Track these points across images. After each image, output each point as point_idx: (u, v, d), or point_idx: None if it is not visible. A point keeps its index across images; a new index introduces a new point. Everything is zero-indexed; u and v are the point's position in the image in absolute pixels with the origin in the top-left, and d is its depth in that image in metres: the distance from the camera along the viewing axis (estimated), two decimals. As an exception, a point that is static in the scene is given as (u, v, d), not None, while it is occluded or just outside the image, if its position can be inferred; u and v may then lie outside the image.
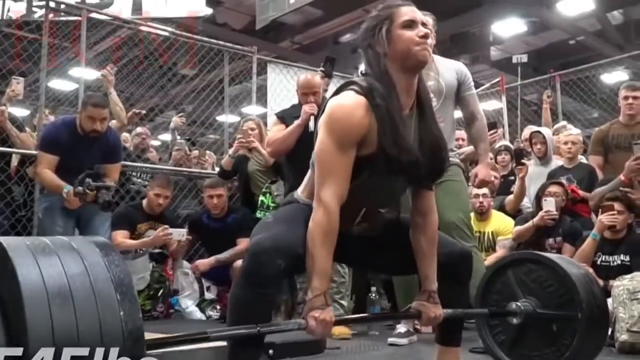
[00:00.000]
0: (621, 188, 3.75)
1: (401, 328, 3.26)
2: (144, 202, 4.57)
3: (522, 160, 4.48)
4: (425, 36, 1.83)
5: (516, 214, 4.56)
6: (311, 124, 3.66)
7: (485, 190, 4.52)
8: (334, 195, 1.75)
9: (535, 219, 4.06)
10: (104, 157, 3.91)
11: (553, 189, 4.19)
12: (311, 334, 1.71)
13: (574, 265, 2.34)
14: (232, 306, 1.75)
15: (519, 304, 2.21)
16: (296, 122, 3.72)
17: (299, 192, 2.00)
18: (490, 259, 4.36)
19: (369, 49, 1.88)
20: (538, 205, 4.19)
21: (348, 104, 1.79)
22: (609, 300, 3.07)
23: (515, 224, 4.32)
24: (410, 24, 1.84)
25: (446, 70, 3.27)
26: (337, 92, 1.89)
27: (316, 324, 1.69)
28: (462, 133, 5.31)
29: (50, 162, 3.80)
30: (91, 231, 3.84)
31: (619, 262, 3.55)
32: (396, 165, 1.80)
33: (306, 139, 3.48)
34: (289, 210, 1.94)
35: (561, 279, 2.18)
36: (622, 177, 3.76)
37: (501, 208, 4.69)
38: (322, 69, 3.97)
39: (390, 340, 3.19)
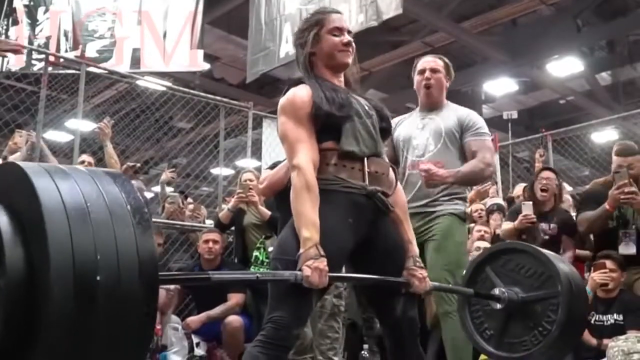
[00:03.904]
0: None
1: None
2: (135, 254, 4.52)
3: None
4: (348, 44, 2.13)
5: None
6: None
7: (485, 243, 4.56)
8: (305, 157, 1.95)
9: (516, 223, 4.06)
10: None
11: (546, 174, 4.27)
12: (307, 283, 1.79)
13: (545, 251, 2.40)
14: None
15: (502, 289, 2.25)
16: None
17: None
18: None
19: (299, 48, 2.20)
20: (532, 193, 4.26)
21: (290, 91, 2.08)
22: (604, 362, 3.04)
23: (507, 217, 4.40)
24: (337, 32, 2.14)
25: (450, 115, 3.14)
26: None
27: (312, 272, 1.79)
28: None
29: None
30: None
31: (613, 321, 3.53)
32: (344, 110, 2.03)
33: None
34: (294, 244, 1.93)
35: (536, 260, 2.25)
36: (607, 206, 3.72)
37: None
38: None
39: None
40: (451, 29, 9.34)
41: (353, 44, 2.16)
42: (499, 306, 2.25)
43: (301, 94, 2.05)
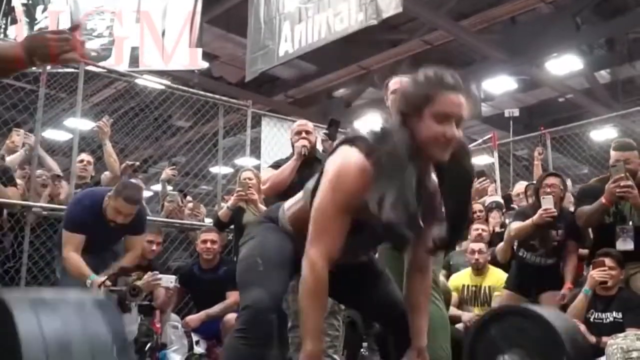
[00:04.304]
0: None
1: None
2: (133, 252, 4.52)
3: (512, 205, 4.50)
4: (451, 139, 1.72)
5: (507, 263, 4.57)
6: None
7: (481, 245, 4.56)
8: (324, 255, 1.72)
9: (535, 218, 3.97)
10: (129, 231, 3.89)
11: (550, 180, 4.17)
12: None
13: (556, 314, 2.37)
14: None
15: (506, 357, 2.19)
16: (291, 160, 3.76)
17: (285, 212, 2.02)
18: (484, 315, 4.34)
19: (401, 114, 1.77)
20: (537, 199, 4.15)
21: (358, 166, 1.73)
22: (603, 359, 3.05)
23: (513, 219, 4.30)
24: (443, 119, 1.71)
25: None
26: (347, 141, 1.83)
27: None
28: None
29: (77, 242, 3.70)
30: None
31: (612, 319, 3.53)
32: (393, 232, 1.73)
33: (298, 186, 3.49)
34: (275, 244, 1.92)
35: (541, 325, 2.18)
36: (603, 200, 3.71)
37: (492, 259, 4.70)
38: (325, 131, 3.97)
39: None
40: (450, 27, 9.33)
41: (458, 137, 1.74)
42: None
43: (364, 184, 1.71)
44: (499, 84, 11.34)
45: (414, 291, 1.99)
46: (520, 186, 5.60)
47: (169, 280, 4.36)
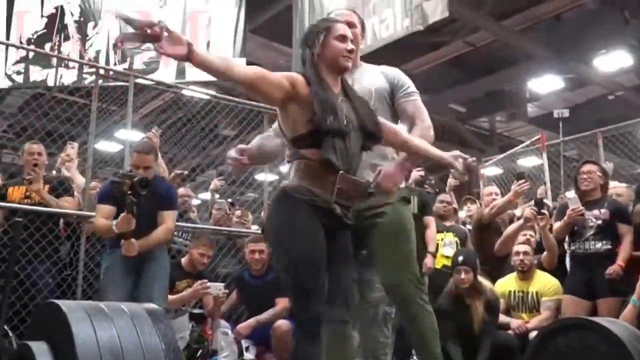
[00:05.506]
0: None
1: None
2: (184, 260, 4.62)
3: (542, 211, 4.43)
4: (351, 51, 2.38)
5: (554, 268, 4.49)
6: None
7: (527, 247, 4.49)
8: (247, 72, 2.20)
9: (566, 218, 4.14)
10: (158, 204, 4.03)
11: (586, 167, 4.27)
12: None
13: (625, 329, 2.26)
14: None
15: None
16: None
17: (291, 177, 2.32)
18: (534, 322, 4.27)
19: (306, 49, 2.40)
20: (576, 188, 4.30)
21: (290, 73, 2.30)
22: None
23: (555, 218, 4.42)
24: (342, 39, 2.38)
25: (374, 75, 2.88)
26: None
27: None
28: (494, 188, 5.30)
29: (107, 212, 3.94)
30: (149, 292, 3.89)
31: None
32: (334, 123, 2.21)
33: None
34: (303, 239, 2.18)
35: (613, 344, 2.10)
36: None
37: (540, 266, 4.61)
38: None
39: None
40: (492, 27, 9.20)
41: (354, 51, 2.45)
42: None
43: (288, 73, 2.26)
44: (545, 84, 11.11)
45: (394, 142, 2.53)
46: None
47: (217, 288, 4.44)
